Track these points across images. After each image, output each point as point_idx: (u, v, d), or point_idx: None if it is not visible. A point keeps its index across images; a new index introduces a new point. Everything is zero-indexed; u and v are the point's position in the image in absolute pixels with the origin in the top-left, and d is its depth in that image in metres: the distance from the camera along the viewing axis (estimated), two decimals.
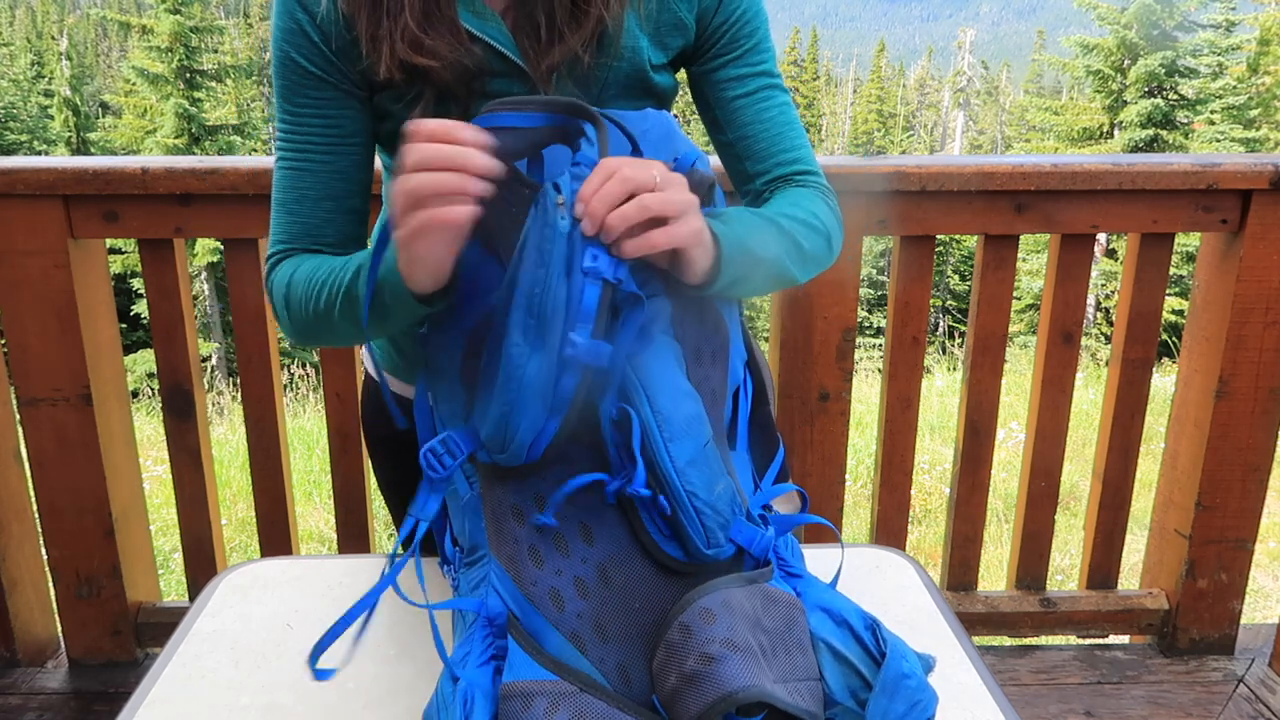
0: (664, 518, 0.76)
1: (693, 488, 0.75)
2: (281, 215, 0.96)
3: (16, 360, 1.75)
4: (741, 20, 0.98)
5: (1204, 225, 1.78)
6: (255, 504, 1.91)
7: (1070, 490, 4.44)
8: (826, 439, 1.86)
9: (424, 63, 0.88)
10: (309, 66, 0.93)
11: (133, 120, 20.61)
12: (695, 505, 0.75)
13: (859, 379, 6.62)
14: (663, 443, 0.74)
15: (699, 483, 0.75)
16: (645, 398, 0.75)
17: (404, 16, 0.87)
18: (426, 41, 0.88)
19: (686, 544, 0.76)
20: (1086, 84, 20.43)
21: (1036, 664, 1.94)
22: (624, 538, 0.76)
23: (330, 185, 0.95)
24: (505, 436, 0.73)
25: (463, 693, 0.71)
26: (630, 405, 0.75)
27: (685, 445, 0.75)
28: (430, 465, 0.77)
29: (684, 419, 0.76)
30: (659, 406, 0.75)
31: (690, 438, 0.76)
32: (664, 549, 0.76)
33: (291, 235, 0.96)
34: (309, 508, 4.29)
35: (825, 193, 1.00)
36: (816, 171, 1.02)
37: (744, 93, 1.00)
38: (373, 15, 0.89)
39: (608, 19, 0.91)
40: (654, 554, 0.76)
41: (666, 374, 0.77)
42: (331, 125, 0.94)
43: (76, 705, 1.84)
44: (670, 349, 0.79)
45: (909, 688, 0.73)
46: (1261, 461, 1.87)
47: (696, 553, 0.76)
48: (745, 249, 0.82)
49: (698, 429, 0.77)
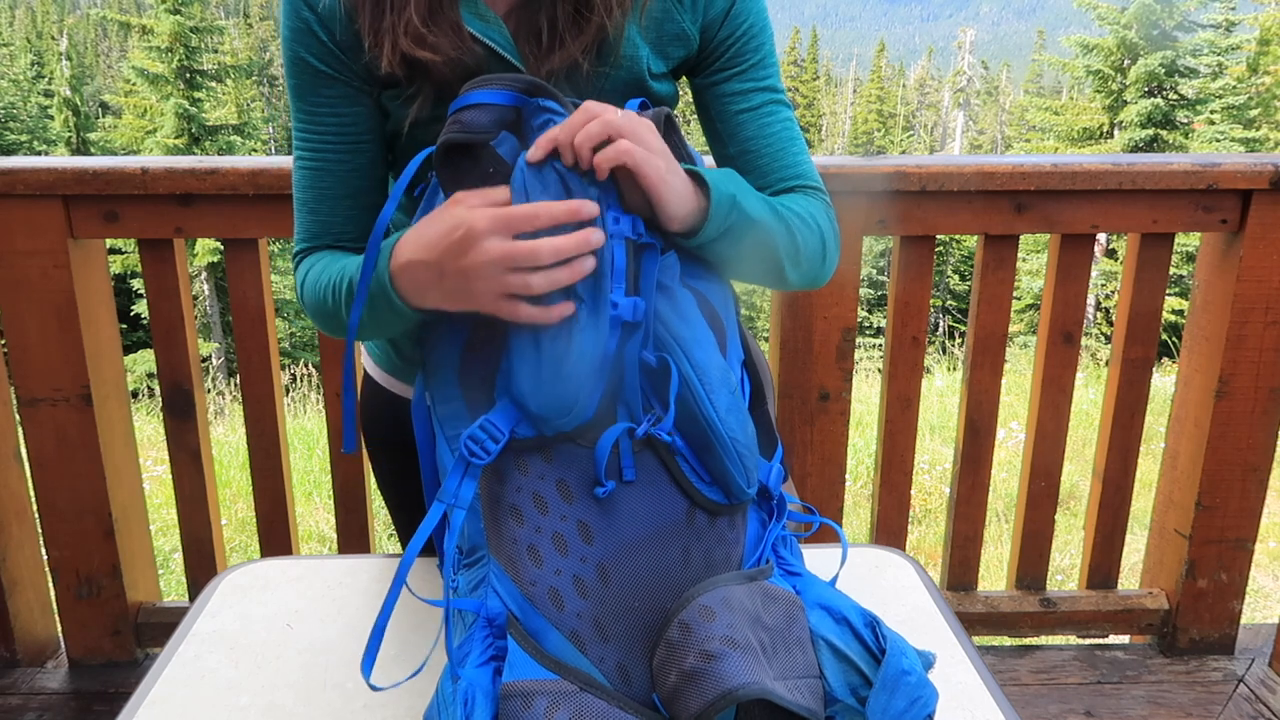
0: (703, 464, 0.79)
1: (733, 433, 0.78)
2: (303, 214, 0.99)
3: (16, 360, 1.75)
4: (747, 35, 0.98)
5: (1204, 225, 1.78)
6: (255, 504, 1.91)
7: (1070, 490, 4.44)
8: (826, 439, 1.86)
9: (426, 57, 0.88)
10: (320, 65, 0.94)
11: (133, 120, 20.61)
12: (738, 450, 0.79)
13: (859, 379, 6.62)
14: (705, 394, 0.78)
15: (737, 427, 0.79)
16: (682, 352, 0.78)
17: (408, 11, 0.88)
18: (429, 37, 0.88)
19: (730, 486, 0.79)
20: (1086, 84, 20.44)
21: (1036, 664, 1.94)
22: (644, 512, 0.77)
23: (348, 183, 0.97)
24: (566, 404, 0.75)
25: (463, 693, 0.71)
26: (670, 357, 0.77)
27: (723, 394, 0.79)
28: (472, 452, 0.76)
29: (718, 369, 0.79)
30: (695, 359, 0.78)
31: (725, 385, 0.79)
32: (706, 494, 0.79)
33: (313, 233, 0.99)
34: (309, 508, 4.29)
35: (826, 206, 1.01)
36: (819, 186, 1.02)
37: (748, 107, 1.00)
38: (375, 10, 0.89)
39: (609, 28, 0.91)
40: (696, 499, 0.78)
41: (696, 326, 0.80)
42: (346, 123, 0.96)
43: (76, 705, 1.84)
44: (690, 299, 0.82)
45: (909, 684, 0.73)
46: (1261, 461, 1.87)
47: (740, 494, 0.79)
48: (735, 203, 0.83)
49: (727, 376, 0.80)
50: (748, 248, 0.87)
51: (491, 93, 0.79)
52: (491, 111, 0.79)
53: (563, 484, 0.77)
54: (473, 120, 0.78)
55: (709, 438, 0.78)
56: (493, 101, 0.79)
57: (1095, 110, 19.82)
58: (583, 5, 0.90)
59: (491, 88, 0.80)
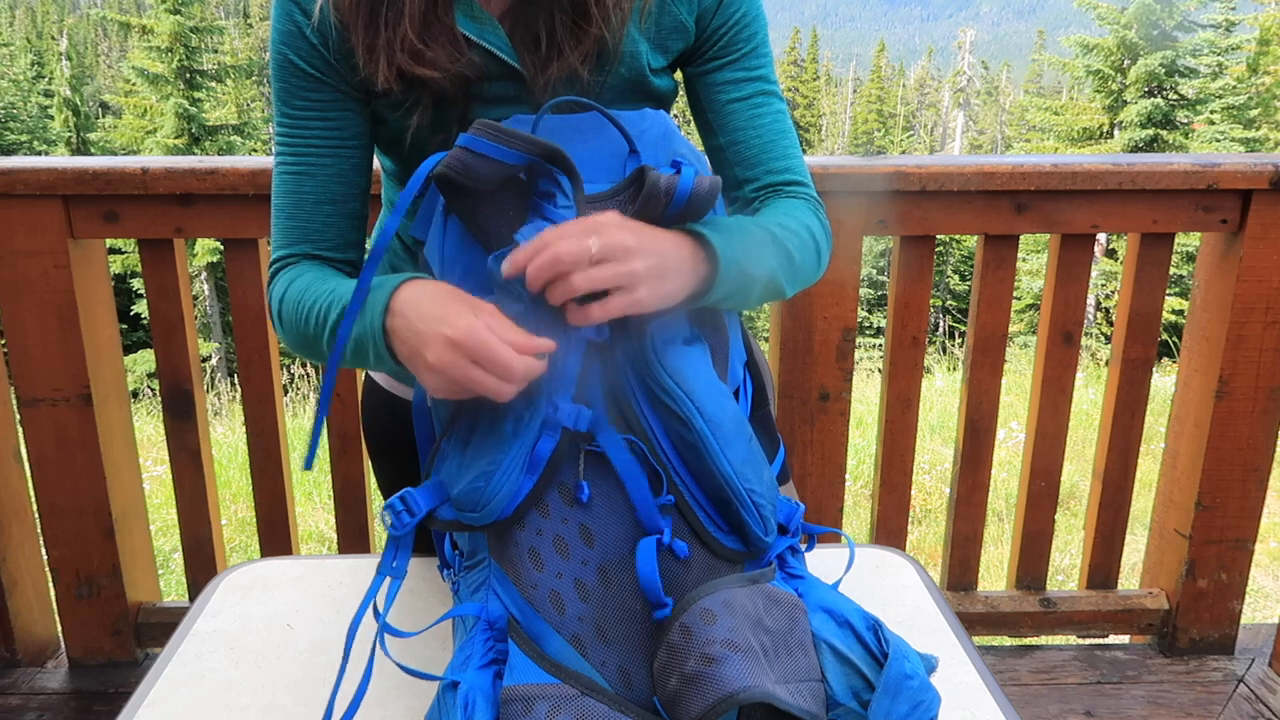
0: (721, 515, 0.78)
1: (750, 485, 0.78)
2: (281, 221, 0.96)
3: (16, 360, 1.75)
4: (740, 24, 0.98)
5: (1204, 225, 1.78)
6: (255, 504, 1.91)
7: (1070, 490, 4.44)
8: (826, 439, 1.85)
9: (424, 74, 0.87)
10: (307, 68, 0.92)
11: (133, 120, 20.60)
12: (755, 501, 0.78)
13: (859, 379, 6.62)
14: (719, 449, 0.77)
15: (754, 478, 0.78)
16: (695, 408, 0.76)
17: (403, 26, 0.86)
18: (426, 53, 0.87)
19: (748, 536, 0.78)
20: (1086, 84, 20.43)
21: (1036, 664, 1.94)
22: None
23: (329, 188, 0.95)
24: (481, 501, 0.74)
25: (463, 697, 0.70)
26: (682, 415, 0.76)
27: (738, 446, 0.78)
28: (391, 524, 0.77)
29: (732, 420, 0.78)
30: (709, 414, 0.77)
31: (740, 437, 0.78)
32: (724, 543, 0.78)
33: (290, 240, 0.96)
34: (309, 508, 4.29)
35: (816, 206, 1.00)
36: (807, 183, 1.01)
37: (739, 97, 0.99)
38: (370, 26, 0.88)
39: (608, 36, 0.90)
40: (714, 548, 0.77)
41: (707, 377, 0.79)
42: (331, 128, 0.94)
43: (76, 705, 1.84)
44: (701, 348, 0.81)
45: (911, 688, 0.73)
46: (1261, 461, 1.87)
47: (758, 543, 0.79)
48: (742, 269, 0.81)
49: (743, 425, 0.79)
50: (754, 296, 0.87)
51: (505, 151, 0.76)
52: (497, 168, 0.77)
53: (564, 488, 0.77)
54: (478, 170, 0.76)
55: (726, 494, 0.77)
56: (501, 160, 0.76)
57: (1095, 110, 19.81)
58: (580, 15, 0.89)
59: (505, 144, 0.76)
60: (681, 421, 0.76)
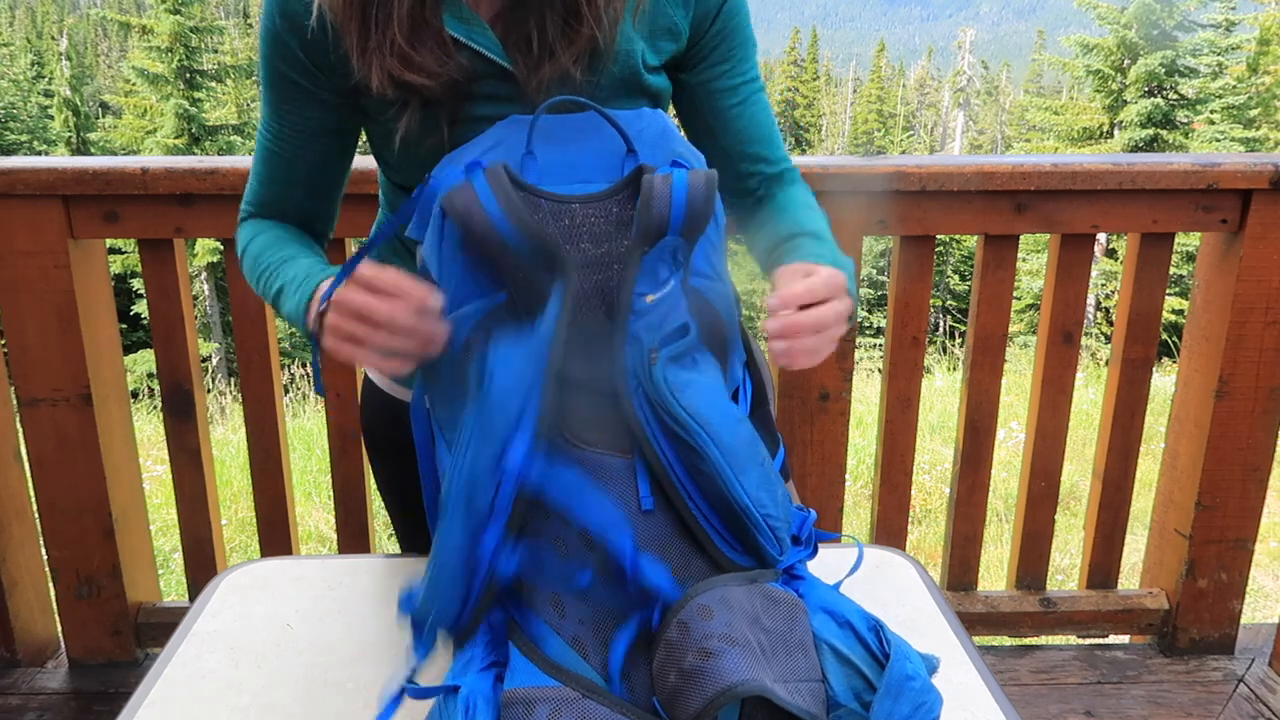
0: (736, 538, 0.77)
1: (765, 509, 0.77)
2: (255, 182, 1.05)
3: (16, 360, 1.75)
4: (735, 27, 0.99)
5: (1204, 225, 1.78)
6: (255, 504, 1.91)
7: (1070, 490, 4.44)
8: (826, 439, 1.85)
9: (413, 79, 0.88)
10: (289, 73, 0.95)
11: (133, 120, 20.61)
12: (770, 524, 0.78)
13: (859, 379, 6.62)
14: (734, 476, 0.76)
15: (769, 501, 0.78)
16: (708, 437, 0.75)
17: (392, 29, 0.87)
18: (415, 57, 0.88)
19: (763, 556, 0.78)
20: (1086, 84, 20.44)
21: (1036, 664, 1.94)
22: None
23: (295, 172, 1.02)
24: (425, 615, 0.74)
25: (464, 701, 0.70)
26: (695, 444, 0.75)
27: (752, 472, 0.77)
28: None
29: (745, 445, 0.78)
30: (722, 442, 0.76)
31: (753, 461, 0.78)
32: (737, 562, 0.77)
33: (260, 201, 1.05)
34: (309, 508, 4.29)
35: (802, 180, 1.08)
36: (792, 165, 1.08)
37: (739, 100, 1.02)
38: (362, 28, 0.89)
39: (600, 37, 0.90)
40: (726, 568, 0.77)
41: (720, 403, 0.79)
42: (306, 121, 0.99)
43: (76, 705, 1.84)
44: (713, 372, 0.81)
45: (913, 689, 0.73)
46: (1261, 461, 1.87)
47: (772, 562, 0.79)
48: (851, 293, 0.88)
49: (757, 448, 0.79)
50: None
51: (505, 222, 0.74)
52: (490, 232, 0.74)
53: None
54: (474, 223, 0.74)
55: (743, 521, 0.76)
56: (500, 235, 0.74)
57: (1095, 110, 19.82)
58: (572, 15, 0.89)
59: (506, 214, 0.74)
60: (695, 451, 0.75)
